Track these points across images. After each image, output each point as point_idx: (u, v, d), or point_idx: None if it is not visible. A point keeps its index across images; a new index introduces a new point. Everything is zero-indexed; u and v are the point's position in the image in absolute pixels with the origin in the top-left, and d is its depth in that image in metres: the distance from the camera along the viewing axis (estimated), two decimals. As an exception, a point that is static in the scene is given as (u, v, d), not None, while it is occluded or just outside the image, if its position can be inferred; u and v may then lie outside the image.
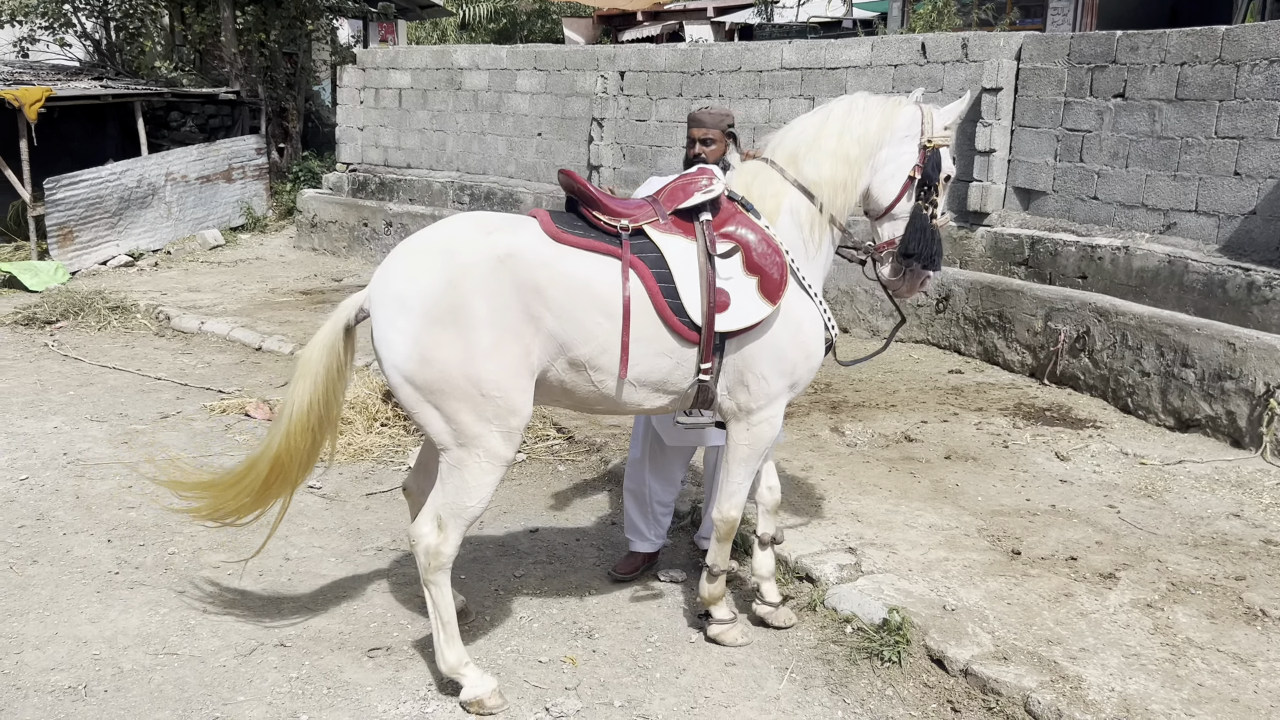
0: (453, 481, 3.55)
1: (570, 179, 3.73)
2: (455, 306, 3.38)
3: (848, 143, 3.80)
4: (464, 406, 3.43)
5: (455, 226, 3.63)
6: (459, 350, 3.38)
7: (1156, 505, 5.36)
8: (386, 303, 3.45)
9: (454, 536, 3.59)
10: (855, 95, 3.95)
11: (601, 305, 3.56)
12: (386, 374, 3.50)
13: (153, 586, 4.61)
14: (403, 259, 3.52)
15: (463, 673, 3.67)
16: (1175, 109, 7.49)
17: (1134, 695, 3.57)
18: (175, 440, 6.59)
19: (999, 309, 8.17)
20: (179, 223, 13.91)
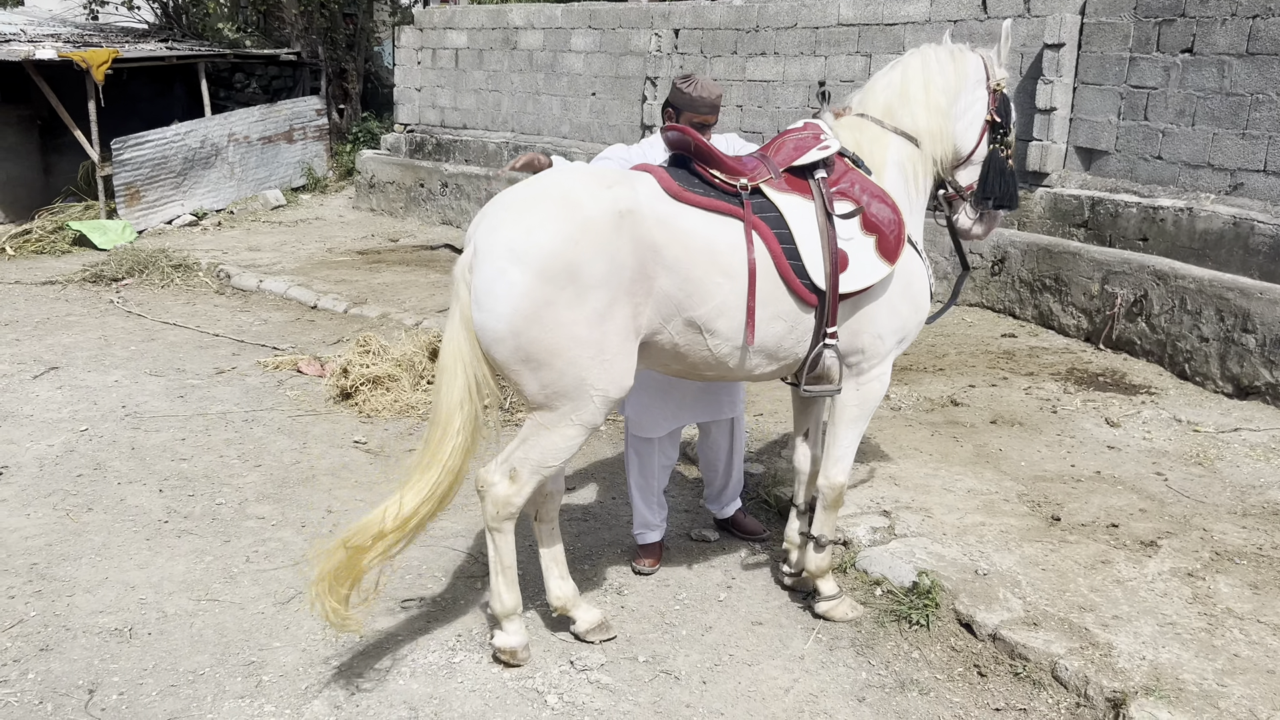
0: (538, 441, 3.41)
1: (684, 135, 3.57)
2: (573, 264, 3.19)
3: (935, 93, 3.80)
4: (566, 371, 3.26)
5: (573, 177, 3.41)
6: (571, 311, 3.21)
7: (1207, 473, 5.22)
8: (497, 252, 3.23)
9: (528, 489, 3.49)
10: (924, 48, 3.95)
11: (723, 266, 3.43)
12: (485, 328, 3.27)
13: (199, 535, 4.75)
14: (517, 207, 3.29)
15: (510, 621, 3.65)
16: (1246, 64, 7.20)
17: (1165, 664, 3.51)
18: (229, 395, 6.75)
19: (1055, 272, 7.97)
20: (241, 183, 14.15)
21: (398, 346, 6.89)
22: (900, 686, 3.63)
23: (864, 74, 9.72)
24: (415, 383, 6.64)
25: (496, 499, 3.51)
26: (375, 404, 6.42)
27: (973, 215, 4.10)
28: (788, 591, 4.26)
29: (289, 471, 5.51)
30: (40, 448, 5.75)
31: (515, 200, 3.33)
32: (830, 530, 3.98)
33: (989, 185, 3.99)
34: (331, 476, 5.45)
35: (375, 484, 5.37)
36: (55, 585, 4.25)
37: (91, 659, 3.73)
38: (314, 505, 5.09)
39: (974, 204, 4.07)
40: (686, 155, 3.59)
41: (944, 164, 3.94)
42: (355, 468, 5.59)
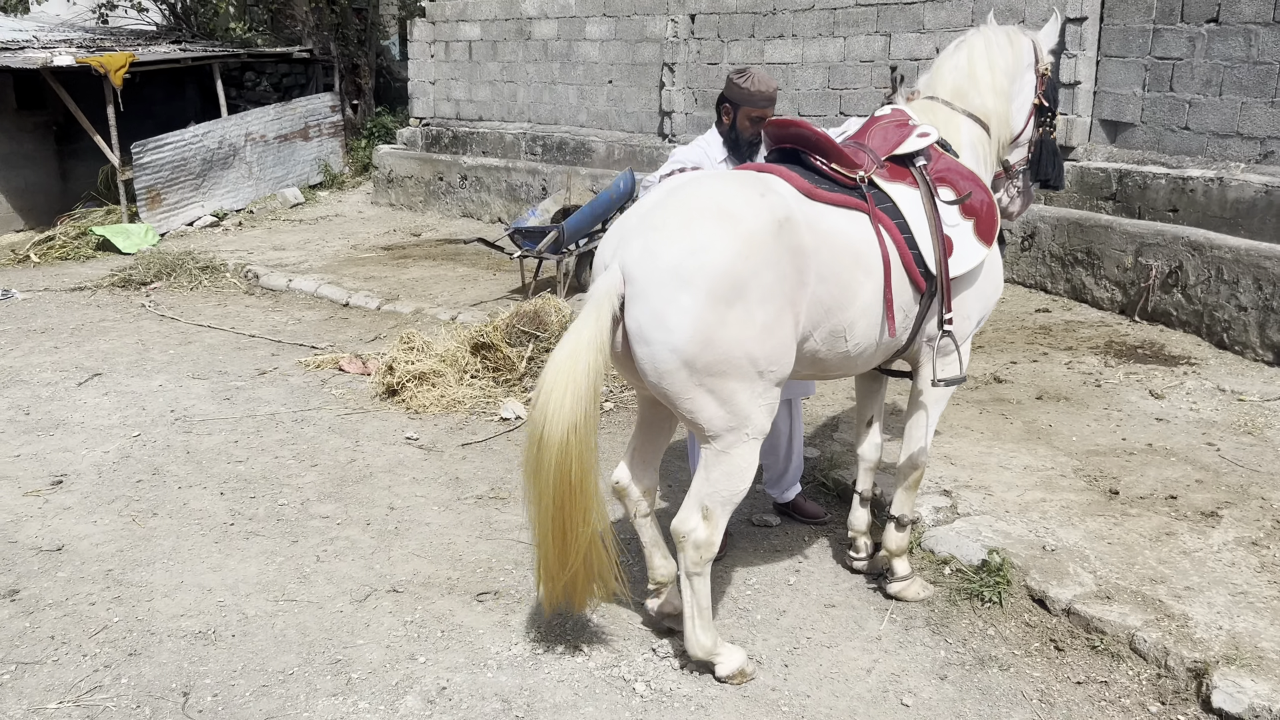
0: (721, 468, 3.32)
1: (800, 128, 3.56)
2: (743, 280, 3.10)
3: (998, 75, 3.85)
4: (741, 387, 3.19)
5: (718, 187, 3.31)
6: (744, 327, 3.12)
7: (1258, 442, 5.27)
8: (662, 279, 3.09)
9: (722, 524, 3.40)
10: (984, 29, 4.01)
11: (864, 265, 3.42)
12: (657, 359, 3.13)
13: (266, 536, 4.81)
14: (672, 226, 3.16)
15: (719, 653, 3.55)
16: (1273, 32, 7.20)
17: (1243, 633, 3.56)
18: (274, 395, 6.81)
19: (1087, 245, 8.00)
20: (260, 182, 14.19)
21: (440, 342, 6.95)
22: (980, 663, 3.69)
23: (883, 54, 9.73)
24: (460, 378, 6.70)
25: (699, 544, 3.37)
26: (422, 400, 6.47)
27: (1011, 194, 4.15)
28: (856, 574, 4.31)
29: (345, 470, 5.57)
30: (96, 455, 5.81)
31: (666, 219, 3.19)
32: (910, 509, 4.05)
33: (1042, 166, 4.10)
34: (389, 474, 5.51)
35: (433, 479, 5.43)
36: (133, 590, 4.32)
37: (180, 662, 3.80)
38: (375, 503, 5.15)
39: (1024, 183, 4.14)
40: (798, 149, 3.57)
41: (1004, 145, 3.98)
42: (411, 464, 5.65)
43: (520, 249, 8.76)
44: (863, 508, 4.23)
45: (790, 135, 3.59)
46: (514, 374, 6.73)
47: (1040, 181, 4.15)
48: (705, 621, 3.51)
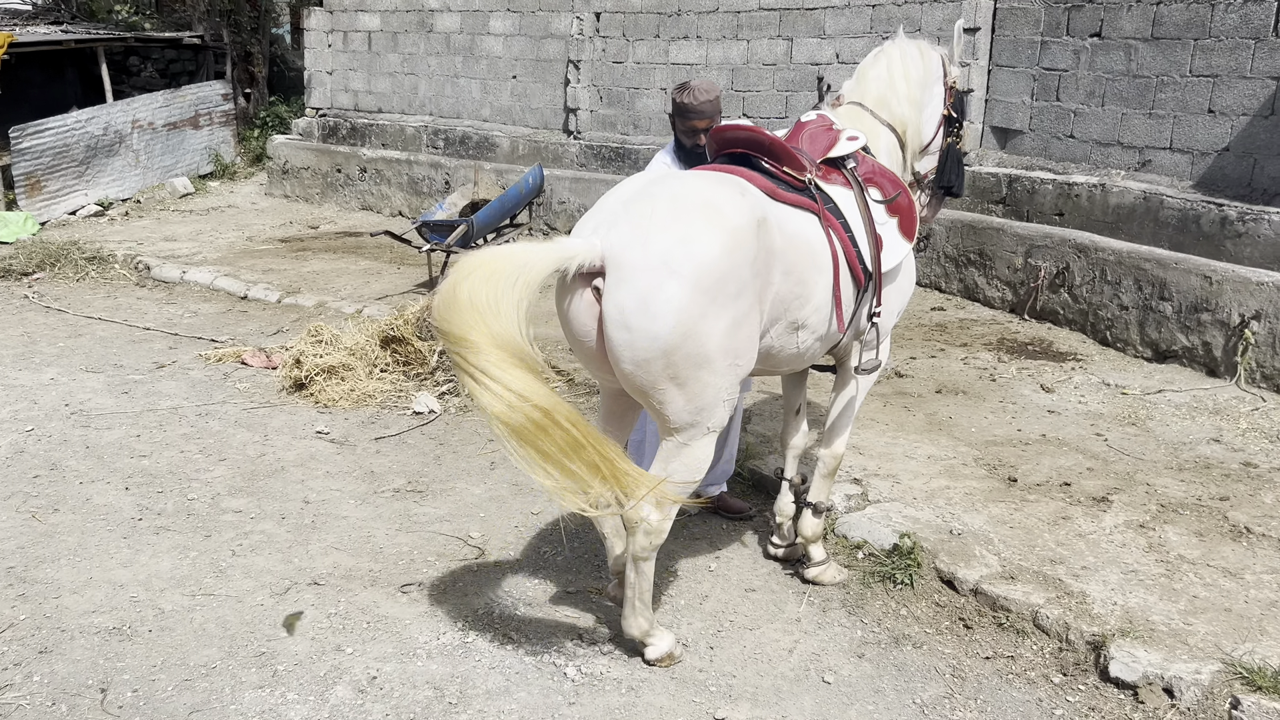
0: (679, 459, 3.37)
1: (743, 131, 3.67)
2: (726, 274, 3.16)
3: (913, 87, 4.05)
4: (711, 380, 3.24)
5: (703, 182, 3.36)
6: (721, 320, 3.18)
7: (1141, 432, 5.61)
8: (651, 266, 3.10)
9: (673, 513, 3.45)
10: (899, 42, 4.20)
11: (819, 263, 3.54)
12: (635, 347, 3.14)
13: (178, 531, 4.70)
14: (661, 216, 3.19)
15: (652, 635, 3.63)
16: (1151, 47, 7.65)
17: (1135, 608, 3.81)
18: (175, 389, 6.62)
19: (979, 247, 8.36)
20: (147, 171, 13.71)
21: (349, 336, 6.86)
22: (895, 642, 3.86)
23: (785, 57, 9.97)
24: (370, 371, 6.63)
25: (650, 530, 3.41)
26: (332, 394, 6.38)
27: (924, 200, 4.37)
28: (774, 561, 4.44)
29: (256, 464, 5.47)
30: (-13, 450, 5.58)
31: (655, 208, 3.22)
32: (826, 496, 4.20)
33: (948, 174, 4.32)
34: (301, 468, 5.43)
35: (347, 473, 5.37)
36: (39, 588, 4.17)
37: (96, 658, 3.70)
38: (289, 497, 5.08)
39: (932, 190, 4.36)
40: (749, 153, 3.67)
41: (914, 154, 4.18)
42: (323, 458, 5.58)
43: (428, 242, 8.69)
44: (790, 494, 4.37)
45: (742, 139, 3.69)
46: (425, 368, 6.69)
47: (944, 188, 4.37)
48: (645, 605, 3.59)
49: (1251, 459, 5.24)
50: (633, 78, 11.12)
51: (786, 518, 4.35)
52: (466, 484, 5.26)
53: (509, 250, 3.15)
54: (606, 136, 11.31)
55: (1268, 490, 4.85)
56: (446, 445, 5.77)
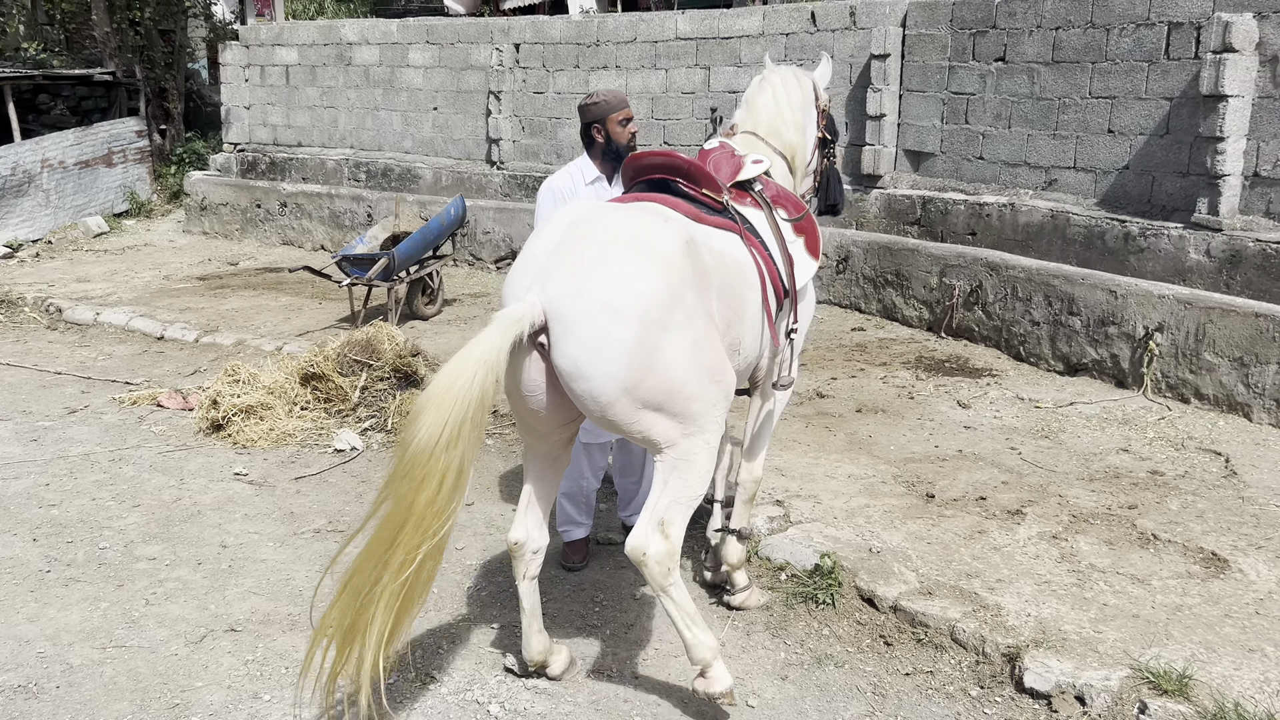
0: (680, 476, 3.30)
1: (660, 157, 3.69)
2: (671, 304, 3.14)
3: (797, 112, 4.16)
4: (692, 398, 3.21)
5: (624, 216, 3.34)
6: (681, 346, 3.16)
7: (1053, 445, 5.75)
8: (593, 313, 3.07)
9: (682, 531, 3.33)
10: (780, 70, 4.31)
11: (748, 280, 3.55)
12: (597, 392, 3.10)
13: (88, 582, 4.57)
14: (591, 259, 3.15)
15: (719, 661, 3.41)
16: (1052, 71, 7.91)
17: (1048, 618, 3.90)
18: (88, 435, 6.45)
19: (896, 267, 8.52)
20: (59, 210, 13.38)
21: (267, 374, 6.75)
22: (817, 662, 3.89)
23: (703, 86, 10.10)
24: (290, 410, 6.53)
25: (660, 558, 3.26)
26: (250, 434, 6.27)
27: None
28: (702, 586, 4.46)
29: (171, 509, 5.35)
30: (-114, 504, 5.37)
31: (584, 253, 3.17)
32: (748, 521, 4.23)
33: (831, 193, 4.46)
34: (218, 511, 5.32)
35: (266, 515, 5.28)
36: (-61, 647, 4.03)
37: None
38: (206, 542, 4.97)
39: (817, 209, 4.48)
40: (667, 178, 3.66)
41: (800, 176, 4.27)
42: (241, 500, 5.47)
43: (349, 276, 8.61)
44: (721, 515, 4.37)
45: (658, 165, 3.69)
46: (347, 404, 6.61)
47: (828, 207, 4.49)
48: (700, 623, 3.39)
49: (1158, 467, 5.40)
50: (554, 108, 11.17)
51: (731, 565, 4.32)
52: (389, 521, 5.19)
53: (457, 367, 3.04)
54: (530, 166, 11.33)
55: (1173, 497, 5.00)
56: (369, 483, 5.70)
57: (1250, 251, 6.42)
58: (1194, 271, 6.70)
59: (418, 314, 9.06)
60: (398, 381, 6.79)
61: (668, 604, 3.34)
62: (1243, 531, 4.62)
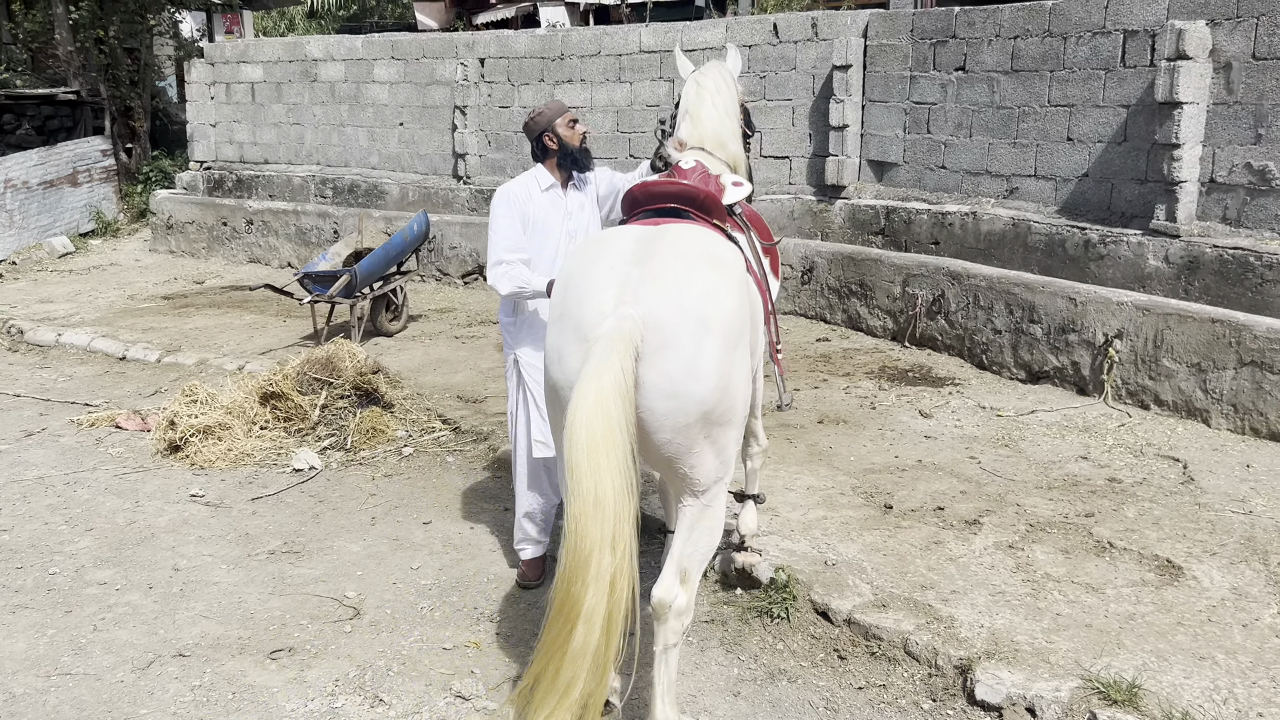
0: (704, 523, 3.16)
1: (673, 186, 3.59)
2: (742, 324, 3.09)
3: (733, 120, 4.14)
4: (736, 433, 3.13)
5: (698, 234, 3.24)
6: (744, 371, 3.09)
7: (1013, 453, 5.75)
8: (689, 327, 2.93)
9: (696, 588, 3.20)
10: (708, 72, 4.20)
11: (759, 305, 3.55)
12: (682, 413, 2.93)
13: (36, 609, 4.49)
14: (687, 273, 3.02)
15: None
16: (1012, 80, 7.95)
17: (1001, 629, 3.88)
18: (43, 458, 6.37)
19: (860, 278, 8.54)
20: (23, 231, 13.25)
21: (226, 393, 6.69)
22: (770, 677, 3.86)
23: (669, 98, 10.10)
24: (248, 429, 6.46)
25: (681, 611, 3.13)
26: (208, 455, 6.21)
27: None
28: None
29: (125, 533, 5.28)
30: None
31: (673, 266, 3.02)
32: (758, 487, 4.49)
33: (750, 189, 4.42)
34: (172, 534, 5.26)
35: (220, 537, 5.22)
36: (-121, 679, 3.95)
37: (-64, 752, 3.50)
38: (159, 565, 4.91)
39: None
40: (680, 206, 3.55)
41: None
42: (196, 522, 5.40)
43: (310, 294, 8.55)
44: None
45: (673, 194, 3.56)
46: (306, 423, 6.55)
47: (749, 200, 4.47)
48: (674, 696, 3.27)
49: (1116, 474, 5.41)
50: (519, 122, 11.11)
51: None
52: (346, 541, 5.15)
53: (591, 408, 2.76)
54: (496, 180, 11.29)
55: (1130, 504, 5.01)
56: (326, 502, 5.65)
57: (1208, 257, 6.45)
58: (1153, 278, 6.74)
59: (382, 330, 9.01)
60: (358, 399, 6.74)
61: (661, 665, 3.19)
62: (1198, 538, 4.62)
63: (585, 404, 2.76)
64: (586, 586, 2.75)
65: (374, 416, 6.56)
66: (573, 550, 2.76)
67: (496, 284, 4.40)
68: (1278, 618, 3.94)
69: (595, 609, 2.74)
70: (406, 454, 6.29)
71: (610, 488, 2.71)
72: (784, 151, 9.59)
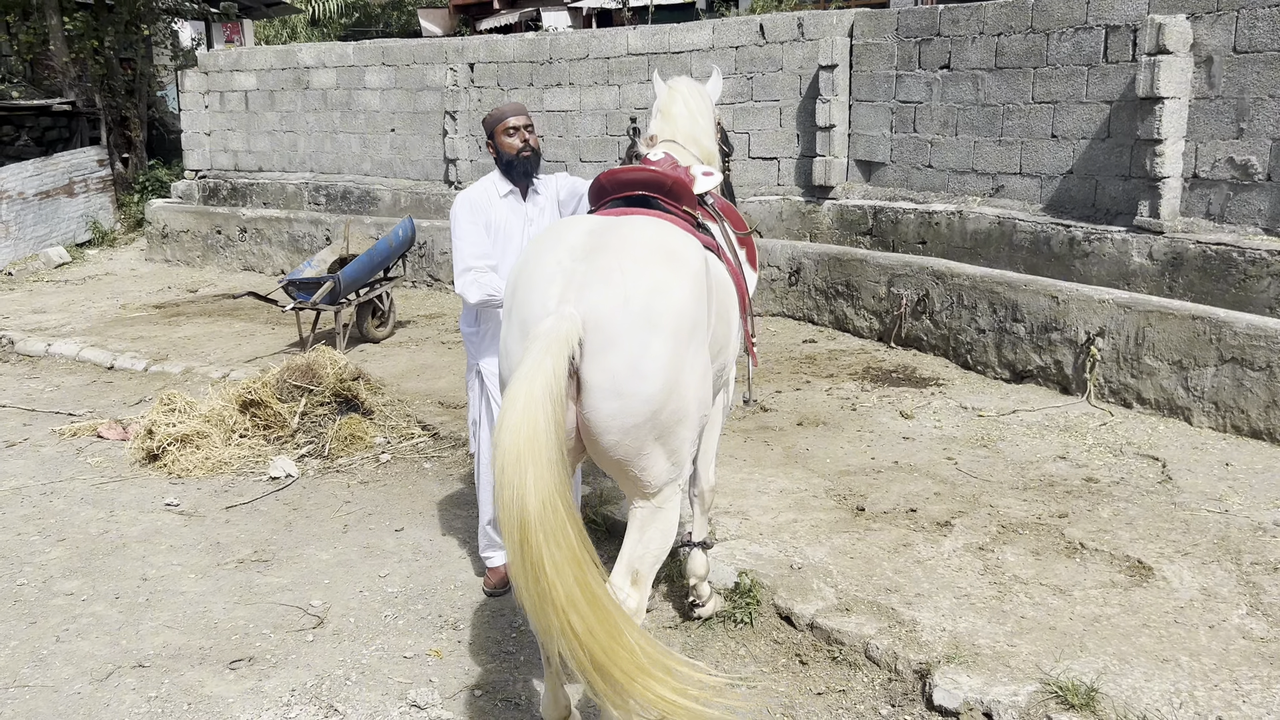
0: (656, 525, 3.06)
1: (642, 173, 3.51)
2: (696, 320, 2.98)
3: (707, 121, 4.10)
4: (689, 433, 3.03)
5: (651, 227, 3.13)
6: (696, 369, 2.99)
7: (991, 454, 5.70)
8: (635, 325, 2.83)
9: (648, 588, 3.09)
10: (682, 80, 4.22)
11: (734, 297, 3.45)
12: (628, 414, 2.84)
13: (1, 620, 4.48)
14: (630, 268, 2.91)
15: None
16: (996, 77, 7.89)
17: (963, 632, 3.83)
18: (22, 468, 6.37)
19: (846, 278, 8.48)
20: (19, 242, 13.31)
21: (205, 402, 6.68)
22: (729, 684, 3.81)
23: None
24: (227, 438, 6.45)
25: (632, 613, 2.97)
26: (185, 463, 6.20)
27: None
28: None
29: (96, 543, 5.26)
30: None
31: (619, 262, 2.92)
32: (707, 532, 4.22)
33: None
34: (144, 543, 5.24)
35: (191, 546, 5.20)
36: None
37: (-112, 765, 3.49)
38: (127, 575, 4.89)
39: None
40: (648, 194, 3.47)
41: None
42: (169, 531, 5.39)
43: (294, 300, 8.54)
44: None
45: (642, 180, 3.48)
46: (286, 430, 6.54)
47: None
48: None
49: (1094, 474, 5.35)
50: (509, 126, 11.12)
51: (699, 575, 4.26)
52: (316, 549, 5.12)
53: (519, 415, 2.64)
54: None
55: (1105, 504, 4.95)
56: (300, 510, 5.63)
57: (1191, 253, 6.38)
58: (1138, 275, 6.67)
59: (368, 336, 9.00)
60: (338, 406, 6.72)
61: None
62: (1171, 538, 4.56)
63: (514, 410, 2.65)
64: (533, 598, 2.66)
65: (353, 424, 6.54)
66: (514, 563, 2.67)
67: (465, 292, 4.37)
68: (1246, 618, 3.88)
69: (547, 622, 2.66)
70: (384, 461, 6.27)
71: (535, 499, 2.57)
72: (772, 153, 9.55)
